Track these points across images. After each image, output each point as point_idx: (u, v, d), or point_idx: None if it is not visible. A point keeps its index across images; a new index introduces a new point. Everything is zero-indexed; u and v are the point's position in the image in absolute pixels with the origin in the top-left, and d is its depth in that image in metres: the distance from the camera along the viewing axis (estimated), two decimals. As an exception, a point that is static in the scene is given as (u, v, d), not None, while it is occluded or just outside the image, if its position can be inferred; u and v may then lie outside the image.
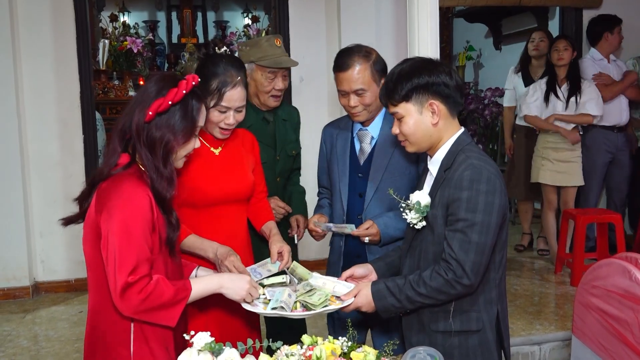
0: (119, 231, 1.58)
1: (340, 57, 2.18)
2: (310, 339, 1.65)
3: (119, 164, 1.69)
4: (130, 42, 6.61)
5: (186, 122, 1.70)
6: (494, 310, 1.80)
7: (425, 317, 1.83)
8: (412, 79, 1.76)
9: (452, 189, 1.71)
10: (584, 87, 4.35)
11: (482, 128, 6.55)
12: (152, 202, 1.65)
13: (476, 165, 1.70)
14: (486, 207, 1.68)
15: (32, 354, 3.35)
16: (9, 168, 4.23)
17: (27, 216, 4.32)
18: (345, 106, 2.20)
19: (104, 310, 1.69)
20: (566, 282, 4.17)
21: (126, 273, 1.57)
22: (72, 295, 4.34)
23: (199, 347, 1.58)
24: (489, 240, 1.70)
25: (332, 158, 2.32)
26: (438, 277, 1.72)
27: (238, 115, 2.07)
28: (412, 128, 1.79)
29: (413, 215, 1.79)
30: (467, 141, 1.80)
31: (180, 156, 1.76)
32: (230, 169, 2.14)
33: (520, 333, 3.28)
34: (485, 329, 1.79)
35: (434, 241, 1.78)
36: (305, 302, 1.85)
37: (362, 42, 3.79)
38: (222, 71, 2.01)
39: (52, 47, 4.32)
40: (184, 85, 1.68)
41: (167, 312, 1.65)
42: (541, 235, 4.92)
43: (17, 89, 4.23)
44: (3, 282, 4.28)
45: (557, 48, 4.38)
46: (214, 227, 2.10)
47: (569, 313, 3.50)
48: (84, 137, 4.40)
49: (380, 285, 1.82)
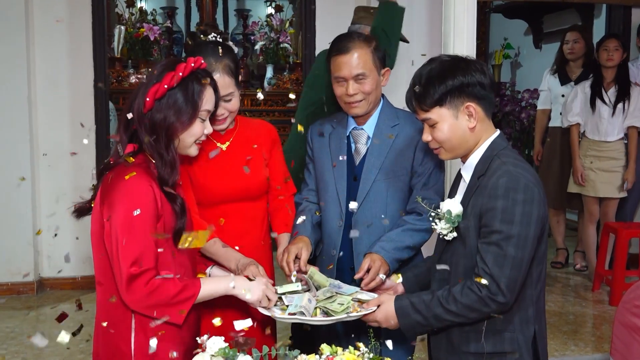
0: (121, 223, 1.63)
1: (338, 41, 2.15)
2: (330, 348, 1.66)
3: (126, 153, 1.73)
4: (147, 29, 6.68)
5: (187, 104, 1.72)
6: (530, 330, 1.75)
7: (455, 337, 1.78)
8: (445, 81, 1.70)
9: (486, 198, 1.66)
10: (633, 92, 4.28)
11: (517, 132, 6.49)
12: (156, 193, 1.68)
13: (513, 172, 1.66)
14: (523, 218, 1.62)
15: (35, 352, 3.41)
16: (18, 158, 4.32)
17: (34, 209, 4.40)
18: (342, 96, 2.12)
19: (107, 304, 1.73)
20: (604, 300, 4.12)
21: (129, 265, 1.61)
22: (77, 293, 4.38)
23: (212, 352, 1.60)
24: (526, 255, 1.65)
25: (322, 157, 2.25)
26: (470, 294, 1.66)
27: (228, 105, 2.04)
28: (448, 134, 1.74)
29: (443, 225, 1.74)
30: (503, 145, 1.76)
31: (189, 142, 1.78)
32: (239, 165, 2.12)
33: (553, 354, 3.25)
34: (521, 350, 1.73)
35: (466, 254, 1.73)
36: (326, 308, 1.85)
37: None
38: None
39: (66, 32, 4.39)
40: (181, 68, 1.72)
41: (174, 309, 1.68)
42: (578, 250, 4.85)
43: (29, 75, 4.31)
44: (7, 277, 4.37)
45: (607, 47, 4.30)
46: (225, 225, 2.10)
47: (606, 334, 3.46)
48: (96, 127, 4.46)
49: (404, 301, 1.78)
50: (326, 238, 2.24)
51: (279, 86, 6.38)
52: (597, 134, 4.36)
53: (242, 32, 7.56)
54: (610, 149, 4.31)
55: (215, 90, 1.82)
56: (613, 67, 4.30)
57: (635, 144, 4.32)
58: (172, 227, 1.75)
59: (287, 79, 6.36)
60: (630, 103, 4.25)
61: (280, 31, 6.80)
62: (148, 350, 1.71)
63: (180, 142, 1.77)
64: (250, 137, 2.19)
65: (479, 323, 1.73)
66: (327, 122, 2.31)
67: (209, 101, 1.78)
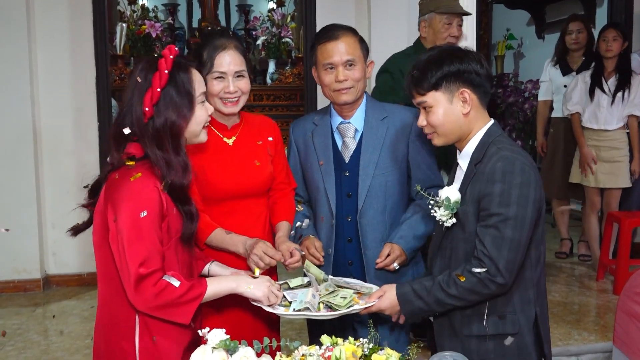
0: (128, 224, 1.62)
1: (326, 30, 2.17)
2: (330, 339, 1.67)
3: (130, 153, 1.71)
4: (148, 26, 6.69)
5: (182, 97, 1.69)
6: (532, 312, 1.79)
7: (457, 322, 1.83)
8: (442, 66, 1.76)
9: (483, 183, 1.72)
10: (634, 82, 4.26)
11: (521, 123, 6.47)
12: (161, 194, 1.67)
13: (508, 156, 1.71)
14: (520, 200, 1.67)
15: (42, 349, 3.44)
16: (22, 156, 4.33)
17: (39, 207, 4.42)
18: (331, 83, 2.12)
19: (110, 303, 1.73)
20: (608, 289, 4.11)
21: (137, 265, 1.60)
22: (83, 290, 4.43)
23: (214, 345, 1.61)
24: (523, 236, 1.69)
25: (308, 157, 2.24)
26: (470, 276, 1.72)
27: (239, 82, 2.05)
28: (442, 118, 1.79)
29: (442, 212, 1.79)
30: (498, 132, 1.81)
31: (197, 130, 1.76)
32: (245, 161, 2.13)
33: (557, 343, 3.24)
34: (522, 332, 1.77)
35: (465, 239, 1.78)
36: (330, 302, 1.86)
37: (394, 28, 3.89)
38: (212, 41, 2.06)
39: (68, 30, 4.40)
40: (164, 65, 1.68)
41: (181, 308, 1.68)
42: (582, 240, 4.85)
43: (32, 73, 4.33)
44: (13, 274, 4.39)
45: (605, 38, 4.28)
46: (227, 222, 2.10)
47: (610, 323, 3.45)
48: (99, 124, 4.48)
49: (406, 288, 1.83)
50: (322, 237, 2.23)
51: (281, 81, 6.38)
52: (595, 123, 4.33)
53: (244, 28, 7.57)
54: (610, 138, 4.29)
55: (199, 71, 1.80)
56: (613, 57, 4.28)
57: (636, 133, 4.30)
58: (177, 229, 1.74)
59: (290, 74, 6.36)
60: (631, 92, 4.23)
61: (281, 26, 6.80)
62: (152, 349, 1.72)
63: (190, 134, 1.75)
64: (254, 134, 2.19)
65: (480, 306, 1.78)
66: (308, 120, 2.32)
67: (200, 83, 1.76)
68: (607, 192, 4.40)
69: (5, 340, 3.55)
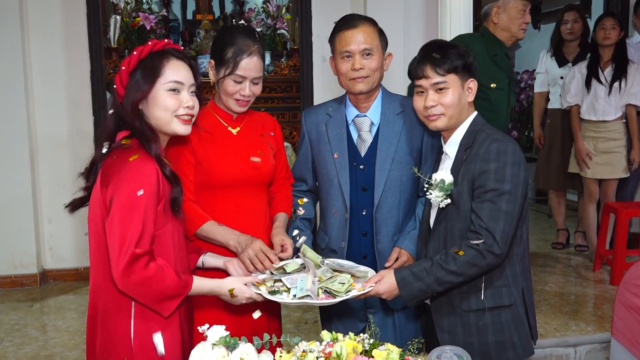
0: (123, 202, 1.64)
1: (345, 19, 2.16)
2: (330, 335, 1.67)
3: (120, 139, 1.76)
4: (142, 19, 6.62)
5: (144, 76, 1.76)
6: (519, 285, 1.92)
7: (455, 299, 1.93)
8: (463, 55, 1.91)
9: (479, 163, 1.84)
10: (630, 70, 4.25)
11: (517, 113, 6.47)
12: (159, 174, 1.70)
13: (500, 139, 1.86)
14: (512, 177, 1.81)
15: (40, 344, 3.43)
16: (17, 151, 4.31)
17: (35, 201, 4.41)
18: (347, 72, 2.11)
19: (105, 289, 1.74)
20: (605, 280, 4.12)
21: (133, 244, 1.62)
22: (80, 284, 4.42)
23: (213, 341, 1.61)
24: (516, 210, 1.82)
25: (321, 148, 2.23)
26: (468, 249, 1.81)
27: (254, 88, 2.10)
28: (455, 101, 1.91)
29: (437, 193, 1.90)
30: (482, 122, 1.96)
31: (163, 117, 1.78)
32: (249, 151, 2.16)
33: (554, 334, 3.26)
34: (516, 303, 1.90)
35: (460, 217, 1.88)
36: (328, 288, 1.88)
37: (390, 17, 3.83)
38: (239, 40, 2.06)
39: (61, 23, 4.37)
40: (139, 50, 1.77)
41: (165, 301, 1.70)
42: (579, 230, 4.85)
43: (26, 67, 4.30)
44: (10, 269, 4.39)
45: (603, 26, 4.25)
46: (231, 210, 2.12)
47: (607, 314, 3.47)
48: (94, 118, 4.46)
49: (405, 272, 1.89)
50: (333, 231, 2.23)
51: (276, 73, 6.34)
52: (593, 114, 4.32)
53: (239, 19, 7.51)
54: (608, 129, 4.29)
55: (192, 67, 1.83)
56: (610, 45, 4.26)
57: (635, 122, 4.29)
58: (170, 217, 1.76)
59: (285, 65, 6.31)
60: (628, 81, 4.22)
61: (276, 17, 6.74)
62: (147, 336, 1.73)
63: (156, 120, 1.78)
64: (258, 126, 2.23)
65: (477, 281, 1.88)
66: (321, 110, 2.29)
67: (174, 73, 1.78)
68: (604, 183, 4.40)
69: (4, 336, 3.54)
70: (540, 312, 3.55)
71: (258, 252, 1.98)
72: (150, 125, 1.78)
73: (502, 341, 1.89)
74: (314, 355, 1.58)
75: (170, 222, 1.77)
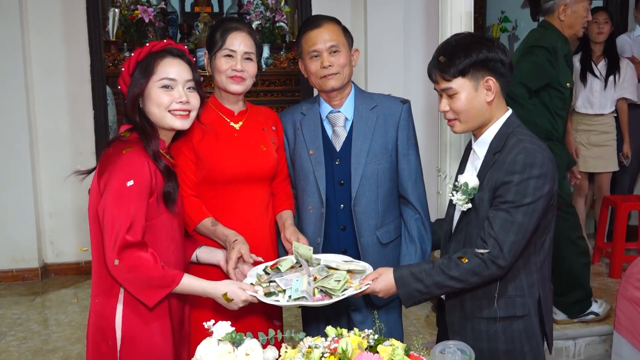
0: (113, 192, 1.70)
1: (309, 20, 2.22)
2: (335, 330, 1.67)
3: (121, 131, 1.86)
4: (141, 11, 6.59)
5: (141, 74, 1.84)
6: (536, 294, 1.85)
7: (467, 304, 1.88)
8: (470, 53, 1.78)
9: (503, 173, 1.75)
10: (622, 65, 4.30)
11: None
12: (151, 168, 1.76)
13: (529, 149, 1.74)
14: (536, 191, 1.72)
15: (42, 339, 3.44)
16: (18, 145, 4.30)
17: (36, 196, 4.40)
18: (317, 70, 2.15)
19: (98, 273, 1.79)
20: (604, 273, 4.14)
21: (124, 231, 1.68)
22: (81, 278, 4.43)
23: (219, 337, 1.61)
24: (532, 223, 1.74)
25: (297, 147, 2.25)
26: (473, 257, 1.76)
27: (247, 64, 2.11)
28: (466, 105, 1.80)
29: (459, 196, 1.84)
30: (517, 123, 1.84)
31: (157, 112, 1.84)
32: (252, 145, 2.16)
33: (555, 327, 3.27)
34: (530, 314, 1.84)
35: (479, 224, 1.82)
36: (324, 287, 1.86)
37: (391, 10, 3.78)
38: (226, 23, 2.15)
39: (61, 17, 4.35)
40: (137, 53, 1.87)
41: (150, 291, 1.73)
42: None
43: (25, 61, 4.28)
44: (12, 263, 4.39)
45: (597, 20, 4.26)
46: (233, 206, 2.13)
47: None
48: (94, 112, 4.44)
49: (404, 271, 1.86)
50: (309, 227, 2.24)
51: (276, 66, 6.32)
52: (589, 108, 4.35)
53: (238, 12, 7.47)
54: (601, 122, 4.32)
55: (190, 64, 1.90)
56: (603, 41, 4.29)
57: (626, 116, 4.32)
58: (163, 209, 1.82)
59: (285, 58, 6.30)
60: (621, 75, 4.25)
61: (275, 10, 6.71)
62: (133, 325, 1.78)
63: (153, 116, 1.85)
64: (261, 121, 2.24)
65: (490, 289, 1.83)
66: (296, 110, 2.32)
67: (166, 70, 1.85)
68: (597, 177, 4.44)
69: (6, 330, 3.55)
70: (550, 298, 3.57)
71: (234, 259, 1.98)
72: (150, 122, 1.85)
73: (512, 350, 1.84)
74: (320, 351, 1.58)
75: (165, 215, 1.82)
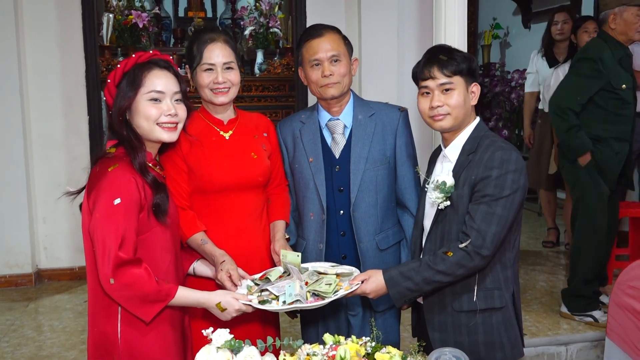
0: (101, 211, 1.69)
1: (310, 29, 2.25)
2: (333, 338, 1.69)
3: (107, 147, 1.84)
4: (135, 16, 6.59)
5: (128, 87, 1.82)
6: (511, 288, 1.96)
7: (447, 298, 1.95)
8: (469, 59, 1.96)
9: (481, 169, 1.87)
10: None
11: (507, 112, 6.52)
12: (139, 184, 1.75)
13: (505, 147, 1.90)
14: (513, 184, 1.84)
15: (37, 345, 3.42)
16: (12, 150, 4.29)
17: (30, 200, 4.38)
18: (318, 79, 2.17)
19: (95, 290, 1.78)
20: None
21: (116, 248, 1.67)
22: (76, 284, 4.41)
23: (218, 345, 1.62)
24: (511, 215, 1.85)
25: (297, 155, 2.27)
26: (458, 251, 1.84)
27: (228, 74, 2.12)
28: (461, 102, 1.93)
29: (437, 194, 1.93)
30: (485, 128, 1.99)
31: (145, 125, 1.83)
32: (242, 154, 2.16)
33: (546, 332, 3.31)
34: (507, 306, 1.94)
35: (459, 220, 1.90)
36: (316, 290, 1.89)
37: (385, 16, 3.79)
38: (201, 35, 2.15)
39: (56, 22, 4.35)
40: (123, 64, 1.85)
41: (146, 306, 1.73)
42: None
43: (20, 66, 4.27)
44: (5, 269, 4.36)
45: (587, 29, 4.30)
46: (225, 215, 2.13)
47: (598, 312, 3.51)
48: (89, 117, 4.44)
49: (393, 272, 1.92)
50: (311, 234, 2.26)
51: (269, 71, 6.34)
52: None
53: (231, 17, 7.50)
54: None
55: (176, 75, 1.88)
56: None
57: None
58: (155, 222, 1.81)
59: (278, 64, 6.31)
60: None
61: (269, 16, 6.73)
62: (132, 341, 1.77)
63: (140, 129, 1.83)
64: (251, 128, 2.24)
65: (470, 283, 1.92)
66: (295, 119, 2.34)
67: (154, 82, 1.83)
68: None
69: (0, 337, 3.53)
70: (532, 310, 3.60)
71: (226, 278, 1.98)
72: (137, 134, 1.84)
73: (492, 342, 1.93)
74: (318, 358, 1.60)
75: (157, 227, 1.81)
